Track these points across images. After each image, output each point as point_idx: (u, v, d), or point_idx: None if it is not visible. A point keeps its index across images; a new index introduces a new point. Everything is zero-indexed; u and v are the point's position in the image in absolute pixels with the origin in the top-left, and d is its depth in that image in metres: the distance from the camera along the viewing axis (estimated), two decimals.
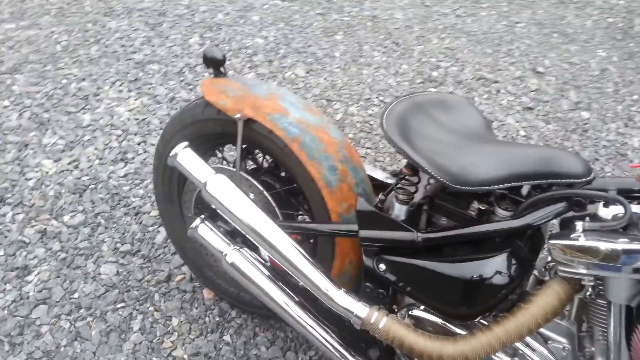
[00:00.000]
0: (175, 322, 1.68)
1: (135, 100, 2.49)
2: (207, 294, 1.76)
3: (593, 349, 1.15)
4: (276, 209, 1.42)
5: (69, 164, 2.15)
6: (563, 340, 1.17)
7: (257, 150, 1.54)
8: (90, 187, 2.07)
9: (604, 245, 1.00)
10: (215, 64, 1.39)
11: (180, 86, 2.59)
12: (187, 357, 1.59)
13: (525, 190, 1.17)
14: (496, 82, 2.78)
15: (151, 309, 1.71)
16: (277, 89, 1.44)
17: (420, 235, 1.14)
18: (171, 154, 1.31)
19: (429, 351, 1.11)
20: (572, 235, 1.03)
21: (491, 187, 1.09)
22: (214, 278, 1.67)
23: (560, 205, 1.09)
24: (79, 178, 2.10)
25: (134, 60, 2.74)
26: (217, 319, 1.70)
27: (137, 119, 2.39)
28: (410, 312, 1.24)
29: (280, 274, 1.32)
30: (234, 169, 1.40)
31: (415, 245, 1.14)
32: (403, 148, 1.12)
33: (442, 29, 3.23)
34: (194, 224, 1.34)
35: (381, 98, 2.62)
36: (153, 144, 2.28)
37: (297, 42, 2.90)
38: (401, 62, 2.89)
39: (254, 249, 1.33)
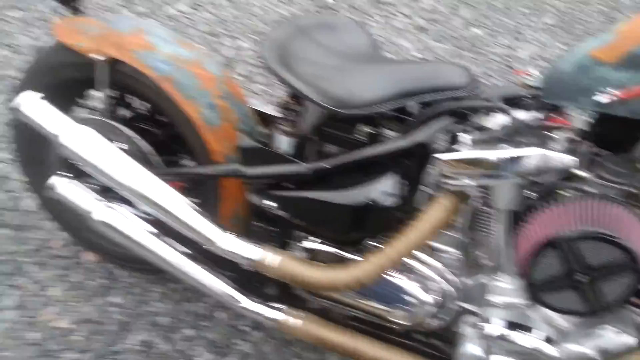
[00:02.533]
0: (54, 291, 1.53)
1: None
2: (89, 256, 1.60)
3: (481, 253, 1.18)
4: (155, 157, 1.29)
5: None
6: (454, 250, 1.17)
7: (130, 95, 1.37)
8: None
9: (487, 155, 0.99)
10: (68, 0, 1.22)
11: (45, 33, 2.28)
12: (75, 326, 1.45)
13: (413, 109, 1.14)
14: (390, 4, 2.77)
15: (25, 281, 1.52)
16: (143, 22, 1.31)
17: (309, 167, 1.08)
18: (12, 105, 1.12)
19: (323, 282, 1.08)
20: (458, 148, 1.02)
21: (376, 107, 1.04)
22: (96, 239, 1.51)
23: (446, 120, 1.06)
24: None
25: None
26: (103, 281, 1.56)
27: None
28: (303, 245, 1.19)
29: (160, 225, 1.21)
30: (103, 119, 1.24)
31: (305, 177, 1.08)
32: (283, 75, 1.05)
33: None
34: (49, 182, 1.18)
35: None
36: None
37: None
38: None
39: (129, 202, 1.20)
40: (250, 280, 1.24)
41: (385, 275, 1.12)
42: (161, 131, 1.34)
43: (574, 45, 0.96)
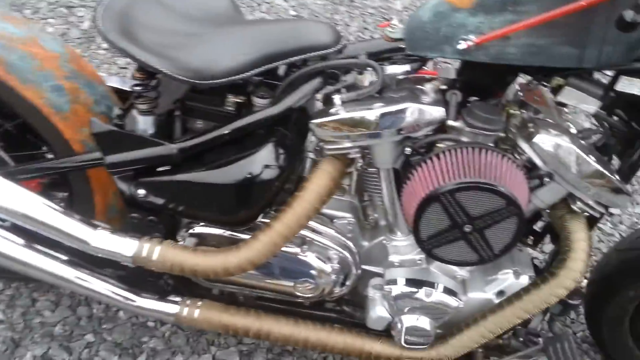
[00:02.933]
0: None
1: None
2: None
3: (376, 215, 1.17)
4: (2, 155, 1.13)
5: None
6: (347, 215, 1.15)
7: None
8: None
9: (361, 115, 0.95)
10: None
11: None
12: None
13: (282, 72, 1.06)
14: None
15: None
16: None
17: (175, 146, 0.98)
18: None
19: (212, 267, 1.01)
20: (331, 110, 0.97)
21: (241, 75, 0.95)
22: None
23: (316, 81, 1.01)
24: None
25: None
26: None
27: None
28: (190, 231, 1.11)
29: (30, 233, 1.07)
30: None
31: (173, 158, 0.98)
32: (125, 47, 0.92)
33: None
34: None
35: None
36: None
37: None
38: None
39: None
40: (143, 276, 1.15)
41: (280, 251, 1.07)
42: (8, 123, 1.17)
43: None
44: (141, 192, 1.00)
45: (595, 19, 0.82)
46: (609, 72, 0.94)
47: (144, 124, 1.00)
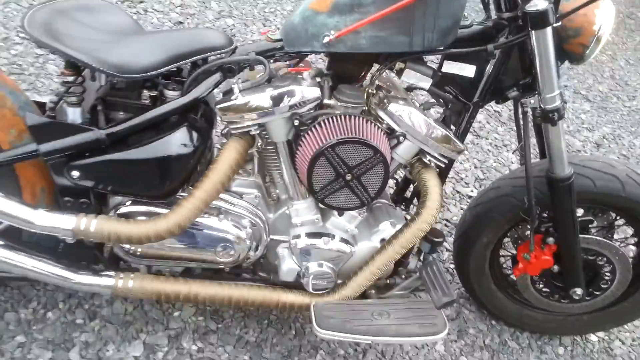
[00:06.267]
0: None
1: None
2: None
3: (277, 191, 1.41)
4: None
5: None
6: (254, 191, 1.38)
7: None
8: None
9: (257, 96, 1.21)
10: None
11: None
12: None
13: (185, 71, 1.29)
14: (141, 1, 2.85)
15: None
16: None
17: (104, 131, 1.16)
18: None
19: (145, 233, 1.19)
20: (232, 97, 1.22)
21: (154, 72, 1.17)
22: None
23: (217, 76, 1.25)
24: None
25: None
26: None
27: None
28: (118, 212, 1.27)
29: None
30: None
31: (102, 142, 1.16)
32: (57, 47, 1.10)
33: None
34: None
35: (23, 35, 2.39)
36: None
37: None
38: None
39: None
40: (77, 259, 1.28)
41: (201, 220, 1.27)
42: None
43: (299, 4, 1.22)
44: (75, 174, 1.16)
45: (416, 12, 1.16)
46: (437, 58, 1.30)
47: (73, 114, 1.17)
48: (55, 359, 1.42)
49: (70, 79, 1.16)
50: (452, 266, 1.87)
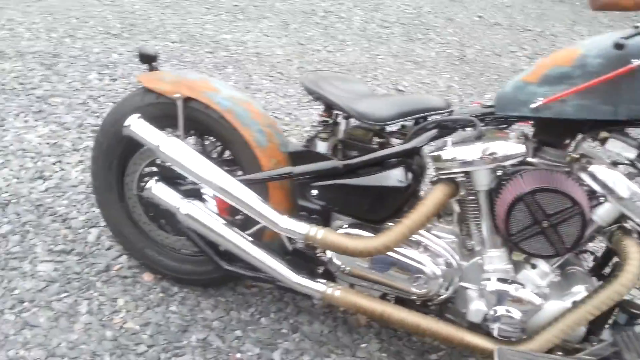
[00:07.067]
0: (121, 302, 1.80)
1: (44, 127, 2.58)
2: (147, 276, 1.90)
3: (472, 242, 1.56)
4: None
5: None
6: (451, 237, 1.56)
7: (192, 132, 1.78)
8: (12, 201, 2.12)
9: (466, 148, 1.43)
10: (148, 59, 1.66)
11: (87, 114, 2.73)
12: (138, 327, 1.72)
13: (406, 128, 1.59)
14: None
15: (95, 294, 1.81)
16: (206, 75, 1.72)
17: (342, 162, 1.49)
18: (125, 124, 1.53)
19: (359, 249, 1.44)
20: (444, 148, 1.46)
21: (388, 122, 1.49)
22: (156, 256, 1.84)
23: (434, 131, 1.51)
24: None
25: (34, 95, 2.82)
26: (161, 295, 1.85)
27: (48, 143, 2.48)
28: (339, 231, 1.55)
29: (228, 219, 1.57)
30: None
31: (339, 170, 1.49)
32: (324, 94, 1.50)
33: (317, 61, 3.76)
34: (148, 185, 1.55)
35: (275, 115, 3.00)
36: (69, 163, 2.38)
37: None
38: (287, 88, 3.32)
39: (202, 201, 1.57)
40: (304, 263, 1.58)
41: (404, 250, 1.48)
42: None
43: (511, 78, 1.45)
44: (314, 192, 1.50)
45: (623, 85, 1.29)
46: None
47: (322, 147, 1.54)
48: (262, 355, 1.70)
49: (325, 120, 1.54)
50: None
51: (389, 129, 1.58)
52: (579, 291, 1.44)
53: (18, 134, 2.52)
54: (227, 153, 1.75)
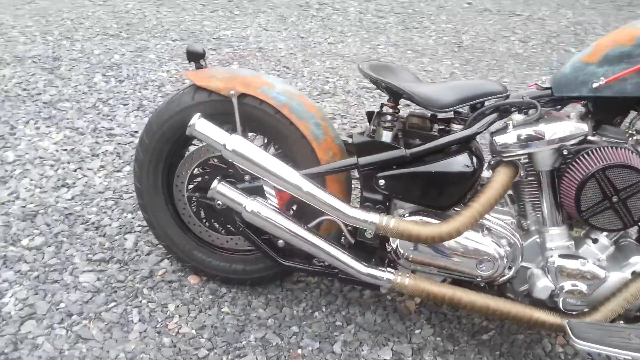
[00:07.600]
0: (172, 307, 1.75)
1: (57, 134, 2.49)
2: (192, 279, 1.86)
3: (528, 222, 1.57)
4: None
5: (9, 195, 2.09)
6: (509, 218, 1.57)
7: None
8: (40, 212, 2.04)
9: (529, 129, 1.43)
10: (196, 57, 1.61)
11: (99, 117, 2.65)
12: (194, 331, 1.68)
13: (464, 113, 1.59)
14: (377, 89, 3.31)
15: (144, 301, 1.76)
16: (257, 71, 1.68)
17: (408, 151, 1.48)
18: (190, 124, 1.48)
19: (431, 234, 1.43)
20: (507, 130, 1.46)
21: (450, 108, 1.48)
22: (204, 257, 1.80)
23: (494, 115, 1.51)
24: (24, 206, 2.05)
25: (41, 100, 2.72)
26: (211, 297, 1.81)
27: (65, 150, 2.39)
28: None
29: (292, 215, 1.55)
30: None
31: (405, 159, 1.47)
32: (389, 80, 1.48)
33: (321, 54, 3.73)
34: (213, 185, 1.51)
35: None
36: (90, 169, 2.31)
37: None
38: (296, 81, 3.28)
39: (264, 197, 1.54)
40: (368, 254, 1.56)
41: (468, 234, 1.48)
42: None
43: (567, 58, 1.45)
44: (381, 182, 1.48)
45: None
46: None
47: (386, 136, 1.52)
48: (322, 349, 1.68)
49: (390, 110, 1.52)
50: None
51: (440, 115, 1.58)
52: (637, 262, 1.47)
53: (32, 141, 2.43)
54: (271, 150, 1.72)
